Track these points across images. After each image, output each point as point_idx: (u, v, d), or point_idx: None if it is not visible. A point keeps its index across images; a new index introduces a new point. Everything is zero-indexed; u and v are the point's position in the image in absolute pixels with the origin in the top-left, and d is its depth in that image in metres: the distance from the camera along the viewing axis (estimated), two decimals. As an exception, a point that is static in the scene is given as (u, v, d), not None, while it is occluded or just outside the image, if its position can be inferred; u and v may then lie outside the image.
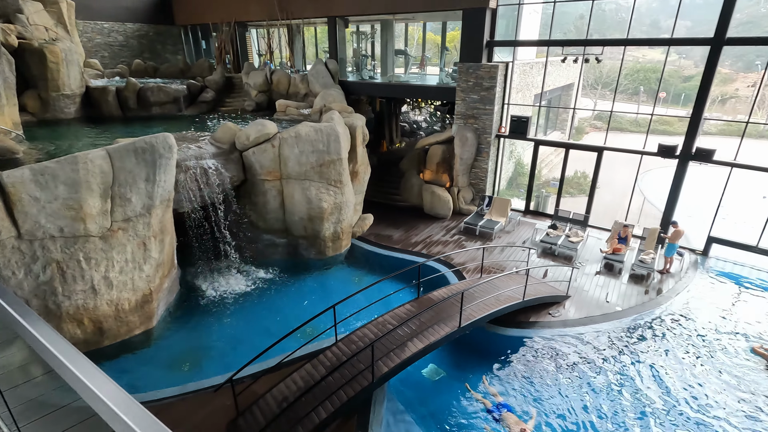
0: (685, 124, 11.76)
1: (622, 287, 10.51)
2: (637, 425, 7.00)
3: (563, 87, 21.53)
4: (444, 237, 13.12)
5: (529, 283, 9.00)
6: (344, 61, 17.42)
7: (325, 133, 10.81)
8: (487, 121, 13.96)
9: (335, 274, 11.68)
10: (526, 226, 13.85)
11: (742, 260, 11.80)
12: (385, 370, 6.54)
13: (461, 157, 14.22)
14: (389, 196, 16.01)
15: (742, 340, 8.88)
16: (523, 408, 7.33)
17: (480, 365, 8.39)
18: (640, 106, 30.90)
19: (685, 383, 7.81)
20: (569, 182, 17.91)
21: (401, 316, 7.88)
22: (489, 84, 13.47)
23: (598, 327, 9.17)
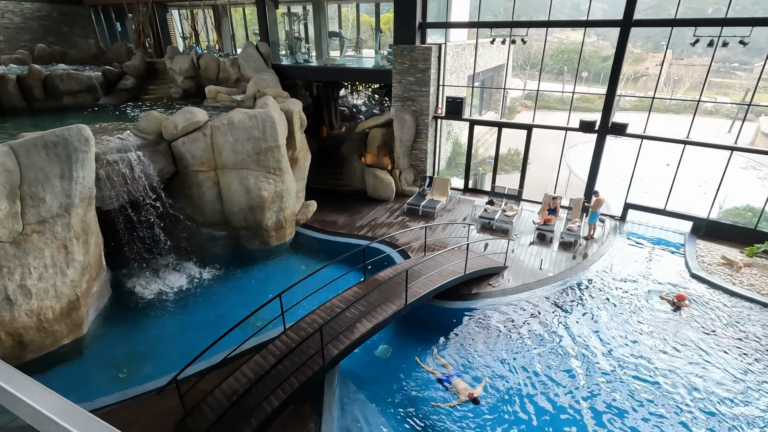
0: (610, 102, 12.72)
1: (553, 254, 11.35)
2: (577, 373, 7.70)
3: (495, 68, 22.34)
4: (388, 219, 13.33)
5: (469, 258, 9.46)
6: (277, 44, 16.81)
7: (261, 119, 10.45)
8: (424, 102, 14.21)
9: (281, 263, 11.50)
10: (466, 204, 14.43)
11: (654, 222, 13.17)
12: (335, 353, 6.63)
13: (401, 139, 14.41)
14: (332, 181, 15.90)
15: (654, 291, 10.00)
16: (472, 374, 7.78)
17: (429, 339, 8.74)
18: (565, 85, 32.90)
19: (612, 332, 8.68)
20: (504, 160, 18.80)
21: (349, 298, 7.97)
22: (424, 66, 13.66)
23: (534, 292, 9.87)
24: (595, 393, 7.38)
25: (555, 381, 7.64)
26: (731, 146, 12.02)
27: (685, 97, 30.73)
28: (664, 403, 7.16)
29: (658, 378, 7.64)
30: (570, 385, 7.54)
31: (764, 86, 35.83)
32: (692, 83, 34.47)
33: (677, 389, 7.40)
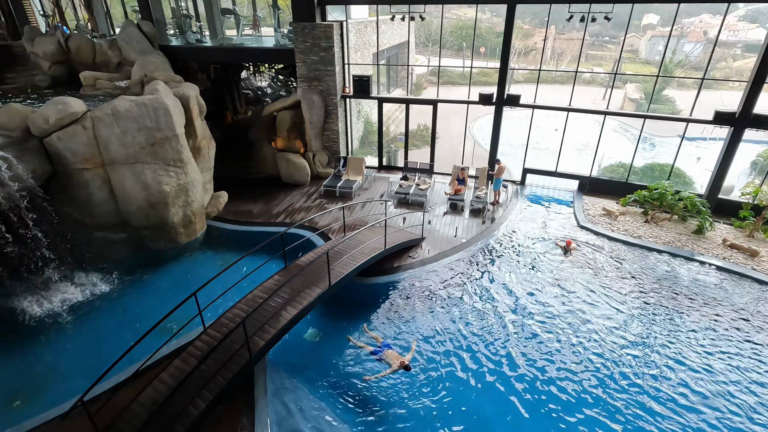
0: (504, 75, 13.62)
1: (465, 222, 12.13)
2: (497, 327, 8.41)
3: (398, 45, 22.65)
4: (306, 203, 13.12)
5: (388, 233, 9.73)
6: (163, 23, 15.22)
7: (151, 107, 9.51)
8: (331, 82, 14.00)
9: (194, 260, 10.80)
10: (382, 181, 14.70)
11: (548, 183, 14.64)
12: (261, 344, 6.49)
13: (311, 120, 14.11)
14: (243, 169, 15.14)
15: (551, 242, 11.21)
16: (402, 343, 8.14)
17: (358, 316, 8.92)
18: (465, 60, 34.54)
19: (521, 284, 9.60)
20: (414, 135, 19.39)
21: (271, 287, 7.80)
22: (327, 44, 13.39)
23: (451, 258, 10.51)
24: (510, 341, 8.17)
25: (477, 336, 8.30)
26: (605, 111, 13.66)
27: (567, 68, 34.11)
28: (566, 338, 8.17)
29: (557, 317, 8.68)
30: (490, 338, 8.25)
31: (628, 57, 40.97)
32: (572, 56, 38.22)
33: (575, 324, 8.48)
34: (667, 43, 13.08)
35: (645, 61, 39.35)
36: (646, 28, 42.76)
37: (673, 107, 25.52)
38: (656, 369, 7.56)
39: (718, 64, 33.90)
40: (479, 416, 6.78)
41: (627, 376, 7.43)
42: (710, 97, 23.38)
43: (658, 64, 13.16)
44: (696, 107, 12.49)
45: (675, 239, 11.34)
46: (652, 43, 39.69)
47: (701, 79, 12.23)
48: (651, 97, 14.80)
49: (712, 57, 12.34)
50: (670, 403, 6.94)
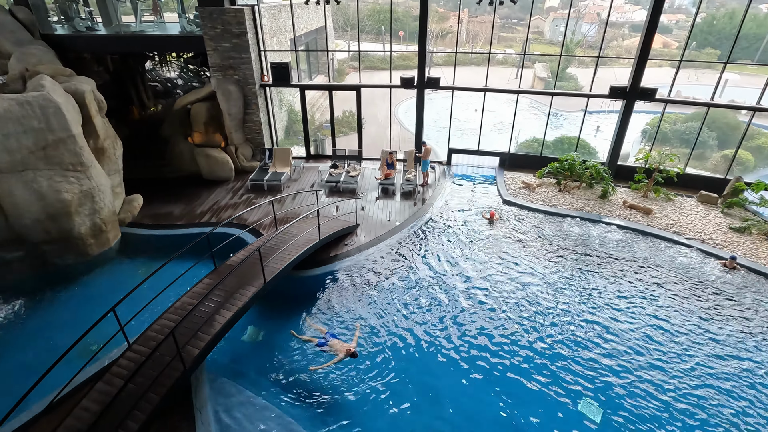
0: (423, 58, 13.83)
1: (397, 205, 12.34)
2: (436, 302, 8.71)
3: (316, 30, 22.06)
4: (232, 200, 12.49)
5: (322, 223, 9.61)
6: (43, 8, 13.35)
7: (38, 105, 8.38)
8: (247, 70, 13.31)
9: (110, 273, 9.86)
10: (311, 171, 14.42)
11: (472, 162, 15.32)
12: (195, 353, 6.14)
13: (229, 112, 13.35)
14: (158, 168, 13.98)
15: (479, 216, 11.81)
16: (346, 332, 8.15)
17: (299, 310, 8.75)
18: (385, 44, 34.63)
19: (456, 259, 10.02)
20: (340, 122, 19.19)
21: (201, 292, 7.37)
22: (239, 30, 12.66)
23: (387, 242, 10.66)
24: (449, 314, 8.54)
25: (418, 314, 8.56)
26: (517, 90, 14.51)
27: (482, 50, 35.64)
28: (498, 305, 8.71)
29: (490, 287, 9.22)
30: (430, 314, 8.55)
31: (535, 38, 43.73)
32: (486, 38, 39.95)
33: (506, 291, 9.07)
34: (566, 25, 14.13)
35: (550, 41, 42.32)
36: (548, 11, 45.87)
37: (576, 84, 27.81)
38: (578, 319, 8.35)
39: (611, 43, 37.40)
40: (427, 391, 7.05)
41: (553, 333, 8.12)
42: (606, 73, 25.78)
43: (560, 45, 14.21)
44: (594, 83, 13.71)
45: (585, 204, 12.50)
46: (554, 25, 42.71)
47: (597, 57, 13.42)
48: (556, 76, 15.99)
49: (605, 37, 13.58)
50: (594, 347, 7.72)
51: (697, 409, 6.71)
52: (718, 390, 7.01)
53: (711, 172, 15.84)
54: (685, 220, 11.73)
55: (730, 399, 6.87)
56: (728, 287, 9.27)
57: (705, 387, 7.07)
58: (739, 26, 12.09)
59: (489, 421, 6.55)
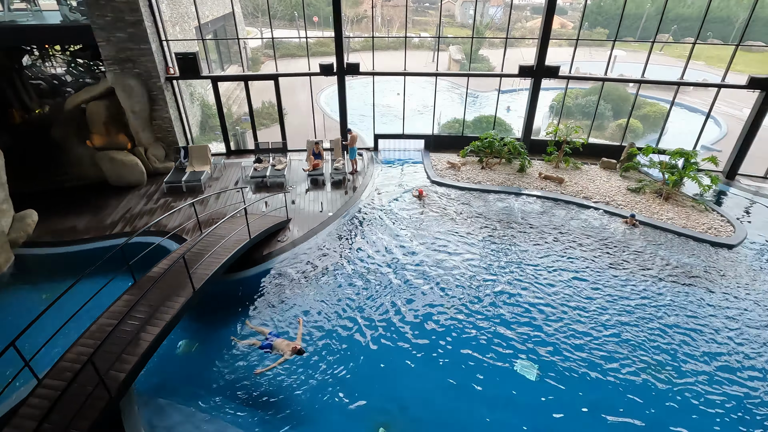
0: (340, 44, 13.54)
1: (329, 195, 12.16)
2: (377, 287, 8.75)
3: (224, 17, 20.70)
4: (147, 205, 11.46)
5: (251, 221, 9.17)
6: None
7: None
8: (149, 63, 12.13)
9: (5, 302, 8.61)
10: (234, 167, 13.67)
11: (398, 146, 15.53)
12: (122, 377, 5.59)
13: (132, 110, 12.12)
14: (53, 178, 12.38)
15: (411, 198, 12.05)
16: (290, 329, 7.91)
17: (235, 314, 8.34)
18: (300, 31, 33.56)
19: (392, 242, 10.13)
20: (260, 114, 18.35)
21: (121, 310, 6.70)
22: (133, 18, 11.44)
23: (322, 234, 10.49)
24: (391, 296, 8.65)
25: (361, 300, 8.56)
26: (435, 73, 14.86)
27: (398, 34, 35.95)
28: (436, 282, 9.00)
29: (427, 265, 9.48)
30: (373, 300, 8.59)
31: (447, 21, 45.02)
32: (401, 22, 40.33)
33: (443, 267, 9.39)
34: (475, 8, 14.66)
35: (461, 24, 43.82)
36: (458, -6, 47.33)
37: (489, 65, 29.19)
38: (508, 287, 8.91)
39: (516, 25, 39.69)
40: (377, 377, 7.12)
41: (486, 303, 8.59)
42: (514, 54, 27.31)
43: (471, 27, 14.74)
44: (505, 64, 14.46)
45: (506, 179, 13.27)
46: (464, 8, 44.24)
47: (505, 38, 14.14)
48: (470, 57, 16.61)
49: (510, 19, 14.31)
50: (524, 311, 8.30)
51: (616, 351, 7.52)
52: (632, 332, 7.91)
53: (609, 140, 17.60)
54: (592, 185, 12.95)
55: (642, 338, 7.79)
56: (631, 242, 10.44)
57: (621, 332, 7.93)
58: (622, 7, 13.40)
59: (439, 396, 6.80)
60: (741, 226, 11.08)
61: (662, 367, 7.24)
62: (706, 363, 7.34)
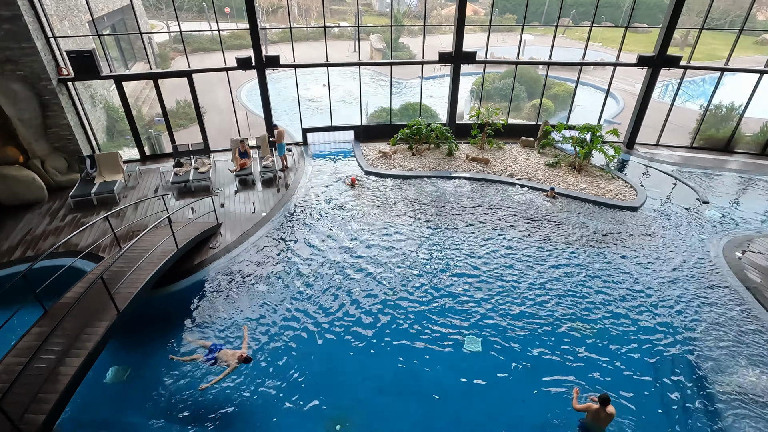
0: (256, 36, 12.90)
1: (260, 195, 11.70)
2: (321, 283, 8.59)
3: (122, 9, 18.87)
4: (52, 224, 10.24)
5: (177, 230, 8.57)
6: None
7: None
8: (35, 63, 10.73)
9: None
10: (152, 174, 12.63)
11: (329, 138, 15.31)
12: (41, 420, 4.97)
13: (20, 118, 10.67)
14: (-75, 204, 10.58)
15: (345, 189, 11.97)
16: (234, 337, 7.54)
17: (172, 331, 7.78)
18: (211, 23, 31.55)
19: (332, 234, 10.00)
20: (176, 115, 17.11)
21: (31, 345, 5.94)
22: (9, 12, 10.01)
23: (257, 235, 10.09)
24: (336, 290, 8.58)
25: (306, 299, 8.38)
26: (358, 63, 14.77)
27: (317, 24, 35.20)
28: (379, 269, 9.07)
29: (370, 254, 9.53)
30: (318, 296, 8.45)
31: (366, 10, 44.91)
32: (318, 12, 39.49)
33: (384, 254, 9.48)
34: (391, -4, 14.76)
35: (379, 13, 43.92)
36: (373, -18, 47.28)
37: (410, 53, 29.65)
38: (447, 267, 9.24)
39: (432, 12, 40.62)
40: (330, 375, 7.05)
41: (427, 285, 8.84)
42: (433, 41, 27.98)
43: (389, 16, 14.80)
44: (425, 51, 14.76)
45: (436, 164, 13.66)
46: (381, -4, 44.32)
47: (423, 26, 14.41)
48: (391, 46, 16.73)
49: (427, 6, 14.60)
50: (465, 289, 8.65)
51: (548, 314, 8.13)
52: (559, 295, 8.59)
53: (526, 120, 18.77)
54: (515, 163, 13.76)
55: (568, 301, 8.49)
56: (553, 214, 11.29)
57: (551, 296, 8.58)
58: (527, -7, 14.23)
59: (393, 383, 6.91)
60: (642, 189, 12.43)
61: (588, 324, 7.96)
62: (624, 316, 8.19)
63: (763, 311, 8.07)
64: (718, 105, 15.37)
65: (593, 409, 5.61)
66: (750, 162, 14.55)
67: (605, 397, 5.51)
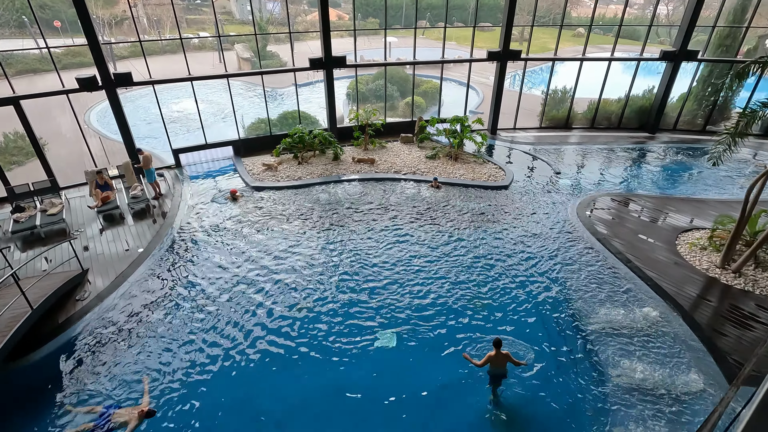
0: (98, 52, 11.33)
1: (133, 229, 10.40)
2: (219, 312, 7.92)
3: None
4: None
5: (28, 287, 7.17)
6: None
7: None
8: None
9: None
10: (-18, 225, 10.36)
11: (206, 157, 14.25)
12: None
13: None
14: None
15: (232, 208, 11.29)
16: (130, 393, 6.56)
17: (47, 406, 6.46)
18: (38, 40, 26.92)
19: (226, 258, 9.31)
20: (6, 150, 14.32)
21: None
22: None
23: (136, 276, 8.94)
24: (238, 315, 8.01)
25: (207, 329, 7.66)
26: (225, 74, 14.01)
27: (172, 36, 32.42)
28: (282, 285, 8.73)
29: (269, 274, 9.12)
30: (222, 325, 7.80)
31: (226, 19, 42.73)
32: (172, 22, 36.40)
33: (284, 267, 9.17)
34: (250, 3, 14.24)
35: (242, 21, 42.19)
36: (230, -10, 45.19)
37: (280, 60, 29.05)
38: (351, 269, 9.30)
39: (297, 19, 40.37)
40: (246, 399, 6.57)
41: (334, 290, 8.81)
42: (302, 47, 27.83)
43: (252, 24, 14.31)
44: (296, 57, 14.60)
45: (324, 170, 13.65)
46: (240, 4, 42.61)
47: (289, 33, 14.23)
48: (259, 55, 16.20)
49: (290, 12, 14.44)
50: (369, 287, 8.79)
51: (448, 295, 8.70)
52: (455, 276, 9.25)
53: (402, 117, 19.80)
54: (398, 160, 14.42)
55: (462, 278, 9.20)
56: (439, 202, 12.10)
57: (449, 279, 9.20)
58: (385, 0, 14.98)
59: (315, 398, 6.71)
60: (509, 169, 14.03)
61: (481, 299, 8.72)
62: (512, 275, 9.16)
63: (611, 255, 9.73)
64: (555, 89, 18.04)
65: (491, 356, 6.22)
66: (585, 135, 17.40)
67: (497, 341, 6.16)
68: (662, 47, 16.87)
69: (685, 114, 17.68)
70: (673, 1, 32.12)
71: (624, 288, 8.81)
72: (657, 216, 11.29)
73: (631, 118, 17.78)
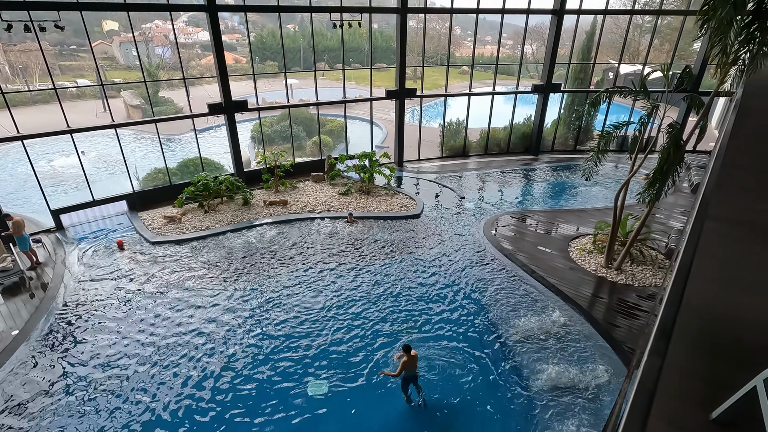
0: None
1: (3, 309, 8.80)
2: (130, 393, 6.89)
3: None
4: None
5: None
6: None
7: None
8: None
9: None
10: None
11: (94, 215, 12.77)
12: None
13: None
14: None
15: (134, 267, 10.17)
16: None
17: None
18: None
19: (128, 326, 8.23)
20: None
21: None
22: None
23: (11, 363, 7.50)
24: (151, 392, 7.08)
25: (112, 415, 6.61)
26: (113, 124, 12.91)
27: (43, 86, 29.13)
28: (202, 347, 7.98)
29: (180, 335, 8.28)
30: (127, 408, 6.80)
31: (109, 65, 39.80)
32: (42, 70, 32.83)
33: (198, 328, 8.39)
34: (136, 49, 13.48)
35: (127, 66, 39.56)
36: (111, 35, 42.42)
37: (175, 106, 27.65)
38: (271, 320, 8.85)
39: (190, 63, 39.04)
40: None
41: (258, 342, 8.29)
42: (198, 92, 26.86)
43: (140, 69, 13.51)
44: (192, 102, 14.02)
45: (234, 216, 13.04)
46: (124, 49, 40.07)
47: (183, 78, 13.69)
48: (150, 102, 15.27)
49: (181, 58, 13.96)
50: (290, 334, 8.42)
51: (376, 330, 8.68)
52: (380, 309, 9.30)
53: (311, 156, 19.89)
54: (311, 199, 14.36)
55: (388, 310, 9.28)
56: (357, 236, 12.21)
57: (374, 312, 9.20)
58: (281, 43, 15.23)
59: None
60: (419, 198, 14.75)
61: (406, 323, 8.86)
62: (432, 296, 9.46)
63: (517, 267, 10.60)
64: (450, 122, 19.66)
65: (406, 362, 6.62)
66: (480, 161, 19.08)
67: (407, 346, 6.65)
68: (533, 81, 19.47)
69: (559, 137, 20.38)
70: (536, 42, 37.46)
71: (532, 295, 9.61)
72: (550, 228, 12.64)
73: (517, 143, 19.99)
